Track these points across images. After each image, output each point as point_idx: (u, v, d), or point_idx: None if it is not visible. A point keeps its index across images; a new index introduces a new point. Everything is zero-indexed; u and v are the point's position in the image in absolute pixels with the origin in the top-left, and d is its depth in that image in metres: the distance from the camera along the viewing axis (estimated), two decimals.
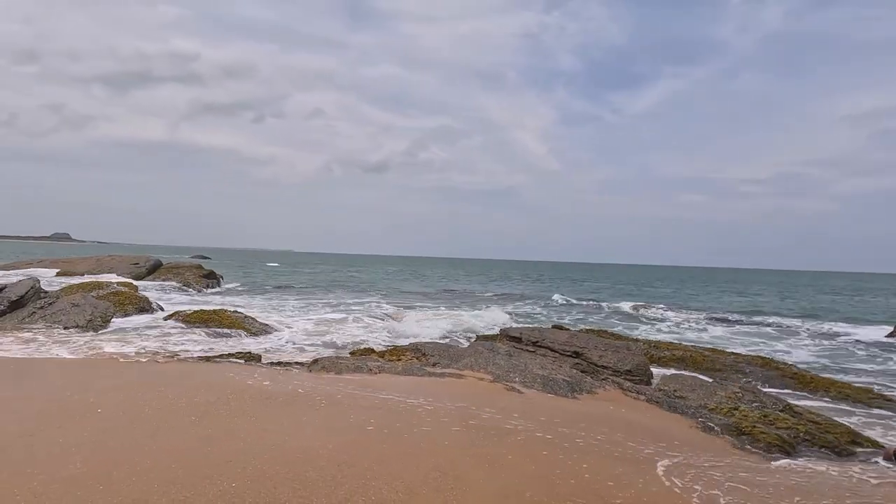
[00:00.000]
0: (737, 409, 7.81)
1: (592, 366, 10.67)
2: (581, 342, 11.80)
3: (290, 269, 72.80)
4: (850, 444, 7.12)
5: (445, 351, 10.48)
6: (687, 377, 9.56)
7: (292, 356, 11.79)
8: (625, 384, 9.14)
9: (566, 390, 8.34)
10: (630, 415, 7.25)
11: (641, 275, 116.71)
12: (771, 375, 11.14)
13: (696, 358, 12.51)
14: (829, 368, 14.70)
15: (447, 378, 8.62)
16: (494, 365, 9.33)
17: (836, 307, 40.05)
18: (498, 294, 42.40)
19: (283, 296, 31.56)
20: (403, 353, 10.59)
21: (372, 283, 50.76)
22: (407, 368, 9.25)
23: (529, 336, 12.23)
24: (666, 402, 8.12)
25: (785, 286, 75.64)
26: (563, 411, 7.06)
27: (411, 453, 5.13)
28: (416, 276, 67.99)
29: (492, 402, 7.23)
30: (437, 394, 7.58)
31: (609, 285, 64.35)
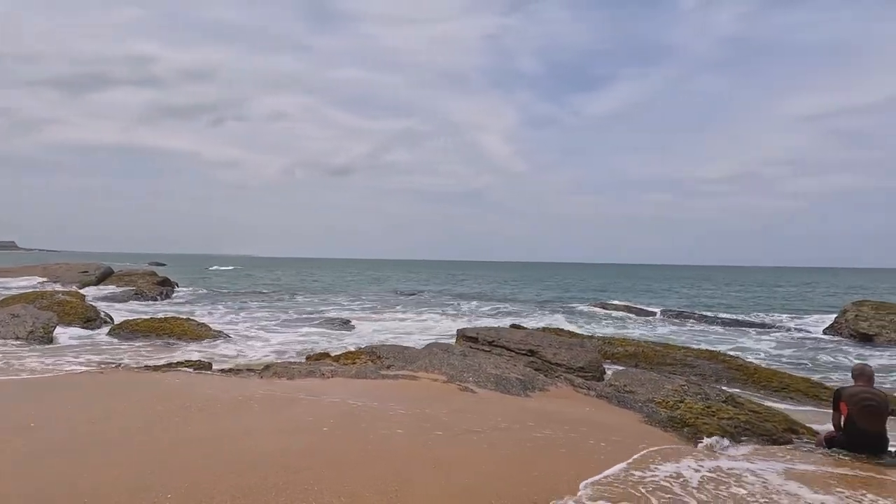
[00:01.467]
0: (682, 401, 8.04)
1: (547, 364, 10.82)
2: (536, 341, 11.96)
3: (249, 275, 71.40)
4: (787, 431, 7.42)
5: (401, 353, 10.46)
6: (636, 372, 9.78)
7: (245, 362, 11.56)
8: (576, 381, 9.31)
9: (519, 389, 8.44)
10: (579, 411, 7.38)
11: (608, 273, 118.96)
12: (717, 368, 11.52)
13: (648, 353, 12.83)
14: (774, 360, 15.30)
15: (401, 380, 8.61)
16: (449, 365, 9.36)
17: (786, 301, 41.72)
18: (461, 295, 42.56)
19: (240, 302, 30.92)
20: (358, 356, 10.52)
21: (333, 286, 50.25)
22: (361, 371, 9.19)
23: (486, 336, 12.33)
24: (615, 397, 8.31)
25: (741, 281, 78.32)
26: (515, 410, 7.14)
27: (361, 457, 5.10)
28: (379, 280, 67.61)
29: (444, 403, 7.26)
30: (390, 396, 7.56)
31: (574, 284, 65.39)
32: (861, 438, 6.22)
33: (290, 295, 37.86)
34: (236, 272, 78.68)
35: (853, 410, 6.25)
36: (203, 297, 33.59)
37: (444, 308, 31.07)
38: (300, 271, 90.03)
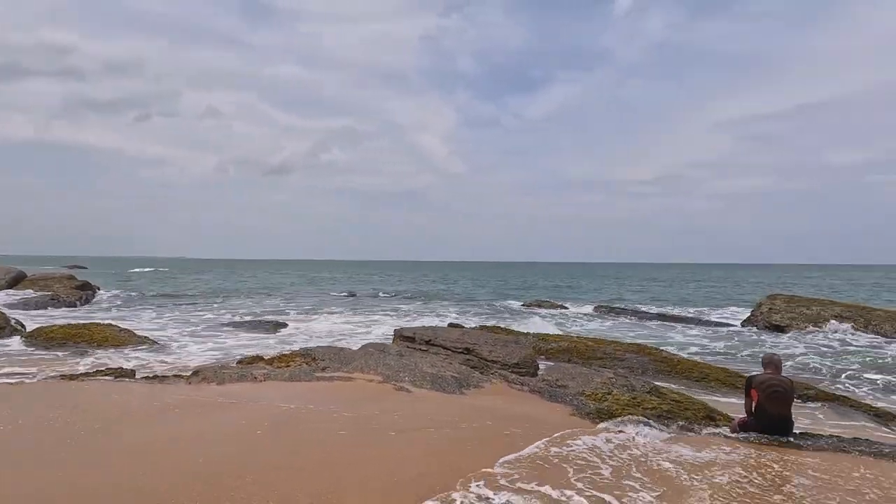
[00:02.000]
0: (610, 393, 8.38)
1: (483, 361, 10.98)
2: (472, 339, 12.11)
3: (178, 277, 68.35)
4: (705, 418, 7.86)
5: (336, 354, 10.33)
6: (568, 367, 10.11)
7: (171, 369, 11.08)
8: (510, 377, 9.50)
9: (454, 387, 8.52)
10: (512, 406, 7.54)
11: (545, 271, 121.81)
12: (644, 361, 12.05)
13: (580, 348, 13.26)
14: (697, 352, 16.17)
15: (336, 381, 8.51)
16: (385, 366, 9.33)
17: (708, 296, 44.09)
18: (401, 295, 42.46)
19: (167, 305, 29.58)
20: (293, 358, 10.31)
21: (268, 288, 48.92)
22: (295, 374, 9.02)
23: (422, 335, 12.37)
24: (547, 392, 8.54)
25: (669, 278, 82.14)
26: (449, 407, 7.21)
27: (294, 460, 5.02)
28: (315, 281, 66.41)
29: (379, 403, 7.24)
30: (324, 398, 7.46)
31: (512, 283, 66.56)
32: (769, 422, 6.69)
33: (222, 297, 36.58)
34: (164, 274, 75.17)
35: (762, 396, 6.71)
36: (128, 301, 31.91)
37: (382, 308, 30.92)
38: (234, 273, 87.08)
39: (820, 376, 12.69)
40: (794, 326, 20.42)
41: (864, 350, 16.50)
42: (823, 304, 21.95)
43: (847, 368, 13.51)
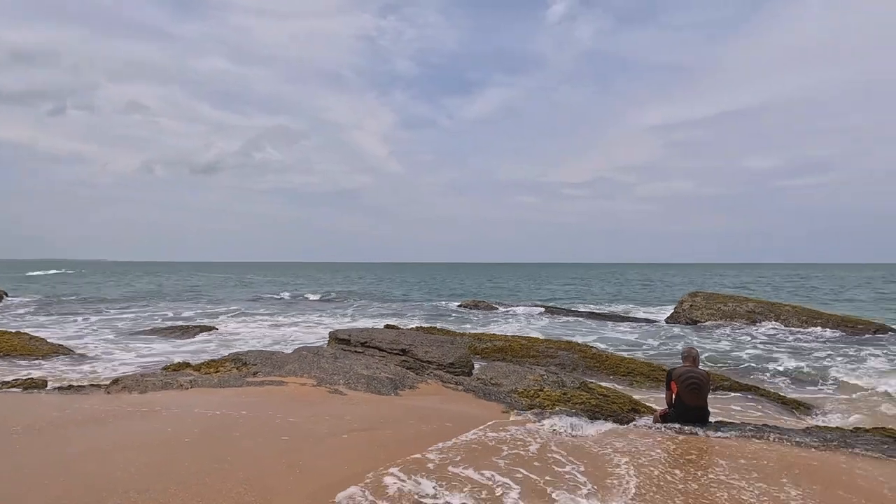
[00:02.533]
0: (542, 390, 8.61)
1: (418, 362, 11.01)
2: (408, 340, 12.12)
3: (99, 281, 64.41)
4: (630, 411, 8.23)
5: (268, 358, 10.07)
6: (502, 366, 10.30)
7: (88, 378, 10.45)
8: (445, 377, 9.58)
9: (389, 388, 8.50)
10: (445, 405, 7.61)
11: (481, 272, 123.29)
12: (575, 358, 12.45)
13: (515, 347, 13.53)
14: (624, 348, 16.86)
15: (267, 386, 8.29)
16: (319, 369, 9.19)
17: (636, 294, 46.03)
18: (336, 297, 41.84)
19: (85, 311, 27.82)
20: (222, 364, 9.96)
21: (196, 291, 46.97)
22: (224, 380, 8.72)
23: (358, 337, 12.26)
24: (481, 390, 8.67)
25: (599, 277, 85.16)
26: (383, 409, 7.19)
27: (221, 468, 4.85)
28: (247, 283, 64.35)
29: (312, 407, 7.12)
30: (255, 404, 7.26)
31: (449, 283, 66.94)
32: (687, 413, 7.08)
33: (146, 302, 34.82)
34: (86, 278, 70.64)
35: (681, 389, 7.09)
36: (40, 307, 29.79)
37: (317, 310, 30.38)
38: (159, 276, 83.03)
39: (734, 368, 13.53)
40: (712, 321, 21.68)
41: (773, 342, 17.73)
42: (738, 300, 23.42)
43: (759, 360, 14.47)
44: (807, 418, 9.15)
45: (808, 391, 11.14)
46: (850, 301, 36.99)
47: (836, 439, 6.58)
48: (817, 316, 21.06)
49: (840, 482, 5.06)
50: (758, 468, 5.39)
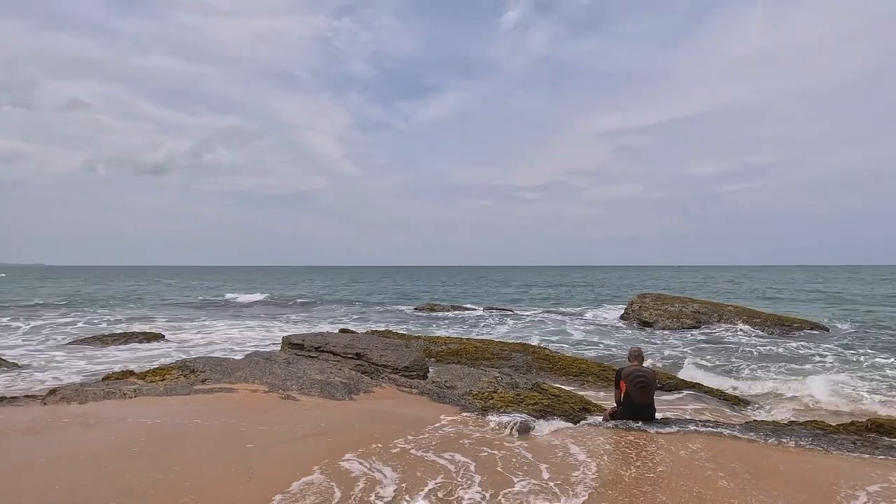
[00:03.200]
0: (496, 392, 8.71)
1: (373, 366, 10.95)
2: (363, 344, 12.04)
3: (35, 286, 61.12)
4: (581, 410, 8.42)
5: (218, 365, 9.80)
6: (456, 368, 10.36)
7: (23, 388, 9.91)
8: (400, 380, 9.56)
9: (343, 393, 8.42)
10: (399, 408, 7.60)
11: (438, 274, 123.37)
12: (528, 359, 12.63)
13: (469, 349, 13.62)
14: (576, 348, 17.23)
15: (216, 393, 8.08)
16: (271, 374, 9.01)
17: (588, 296, 47.03)
18: (290, 301, 41.07)
19: (18, 318, 26.36)
20: (168, 371, 9.63)
21: (142, 297, 45.23)
22: (171, 388, 8.44)
23: (312, 342, 12.09)
24: (436, 393, 8.70)
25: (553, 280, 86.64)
26: (336, 413, 7.12)
27: (164, 479, 4.70)
28: (196, 288, 62.40)
29: (263, 414, 6.98)
30: (203, 412, 7.06)
31: (406, 286, 66.71)
32: (635, 410, 7.31)
33: (87, 308, 33.30)
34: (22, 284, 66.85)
35: (630, 387, 7.31)
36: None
37: (270, 315, 29.77)
38: (102, 281, 79.48)
39: (680, 366, 14.01)
40: (660, 323, 22.40)
41: (716, 341, 18.48)
42: (684, 301, 24.28)
43: (702, 358, 15.05)
44: (746, 413, 9.57)
45: (747, 387, 11.65)
46: (786, 300, 38.91)
47: (771, 432, 6.92)
48: (756, 315, 22.07)
49: (773, 471, 5.35)
50: (699, 460, 5.62)
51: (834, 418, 8.56)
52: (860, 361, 14.58)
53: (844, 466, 5.70)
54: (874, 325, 23.14)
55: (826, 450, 6.31)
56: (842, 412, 9.53)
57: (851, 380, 12.11)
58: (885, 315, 27.64)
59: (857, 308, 31.77)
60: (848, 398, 10.59)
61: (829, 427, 7.26)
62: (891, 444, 6.57)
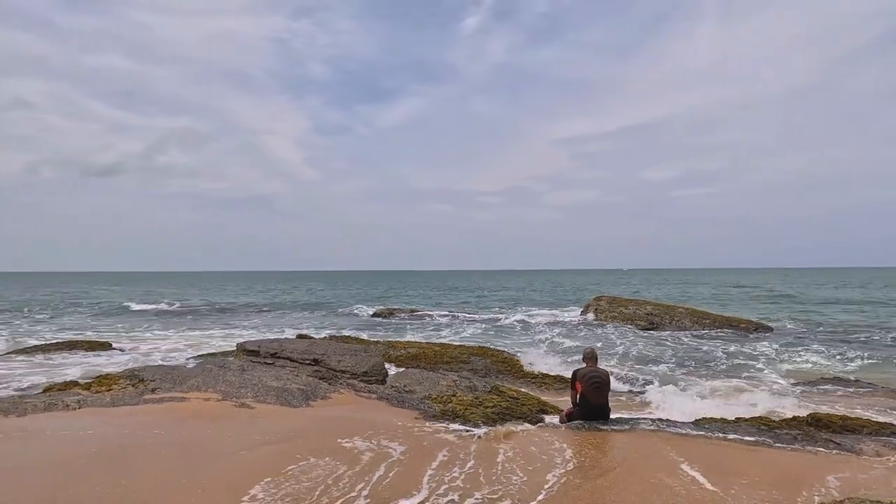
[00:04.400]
0: (454, 395, 8.74)
1: (331, 371, 10.82)
2: (321, 349, 11.88)
3: None
4: (539, 412, 8.52)
5: (168, 374, 9.49)
6: (415, 372, 10.34)
7: None
8: (359, 385, 9.48)
9: (301, 399, 8.29)
10: (357, 414, 7.54)
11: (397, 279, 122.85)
12: (487, 363, 12.74)
13: (429, 353, 13.63)
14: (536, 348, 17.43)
15: (167, 403, 7.82)
16: (225, 382, 8.78)
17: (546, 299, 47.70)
18: (246, 307, 40.14)
19: None
20: (116, 381, 9.27)
21: (91, 303, 43.39)
22: (119, 398, 8.12)
23: (268, 348, 11.86)
24: (395, 398, 8.66)
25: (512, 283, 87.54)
26: (292, 421, 7.01)
27: (112, 493, 4.52)
28: (149, 294, 60.29)
29: (216, 423, 6.80)
30: (153, 422, 6.82)
31: (364, 291, 66.12)
32: (590, 411, 7.48)
33: (31, 316, 31.71)
34: None
35: (585, 388, 7.47)
36: None
37: (225, 321, 29.04)
38: (46, 287, 75.83)
39: (634, 366, 14.38)
40: (615, 323, 22.93)
41: (668, 342, 19.04)
42: (638, 303, 24.95)
43: (655, 358, 15.49)
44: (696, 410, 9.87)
45: (698, 385, 12.04)
46: (735, 302, 40.44)
47: (719, 428, 7.20)
48: (706, 317, 22.87)
49: (718, 466, 5.55)
50: (651, 457, 5.79)
51: (776, 414, 8.94)
52: (799, 359, 15.29)
53: (787, 460, 5.98)
54: (812, 325, 24.31)
55: (770, 444, 6.59)
56: (784, 408, 9.96)
57: (791, 376, 12.69)
58: (821, 315, 29.09)
59: (798, 309, 33.32)
60: (789, 394, 11.09)
61: (773, 423, 7.59)
62: (828, 437, 6.92)
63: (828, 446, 6.58)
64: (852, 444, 6.66)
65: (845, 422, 7.53)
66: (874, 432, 7.14)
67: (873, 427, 7.29)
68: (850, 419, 7.68)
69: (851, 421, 7.56)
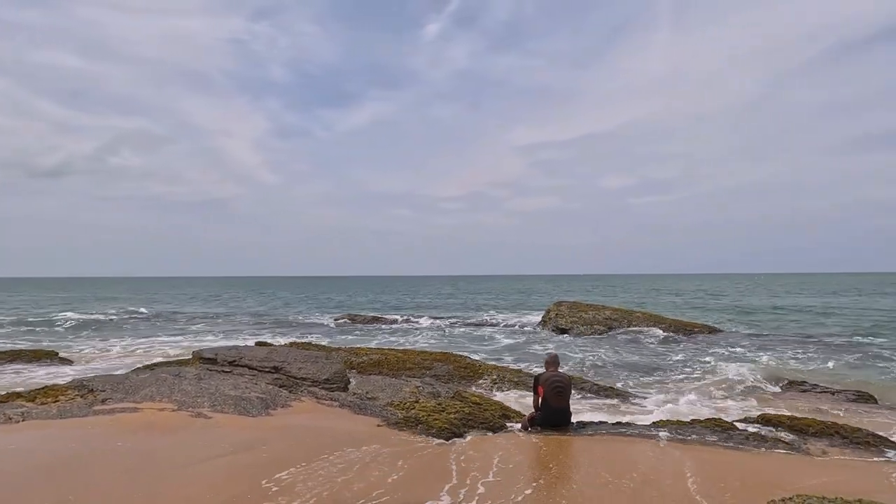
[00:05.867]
0: (417, 402, 8.71)
1: (292, 379, 10.62)
2: (281, 357, 11.66)
3: None
4: (501, 418, 8.57)
5: (120, 383, 9.14)
6: (378, 379, 10.27)
7: None
8: (321, 393, 9.34)
9: (260, 408, 8.11)
10: (318, 422, 7.43)
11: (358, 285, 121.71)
12: (450, 369, 12.73)
13: (391, 360, 13.53)
14: (497, 354, 17.57)
15: (119, 414, 7.53)
16: (180, 392, 8.52)
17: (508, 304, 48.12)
18: (203, 314, 39.06)
19: None
20: (63, 391, 8.86)
21: (35, 310, 41.42)
22: (66, 410, 7.77)
23: (225, 356, 11.57)
24: (357, 405, 8.57)
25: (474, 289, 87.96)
26: (252, 430, 6.85)
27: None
28: (100, 300, 58.03)
29: (171, 434, 6.59)
30: (104, 434, 6.56)
31: (324, 297, 65.27)
32: (553, 414, 7.57)
33: None
34: None
35: (547, 392, 7.56)
36: None
37: (180, 329, 28.19)
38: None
39: (594, 370, 14.64)
40: (575, 329, 23.31)
41: (627, 345, 19.47)
42: (597, 308, 25.43)
43: (615, 362, 15.81)
44: (654, 412, 10.13)
45: (655, 388, 12.35)
46: (688, 307, 41.68)
47: (675, 430, 7.39)
48: (661, 321, 23.49)
49: (673, 467, 5.70)
50: (608, 461, 5.90)
51: (728, 414, 9.24)
52: (750, 361, 15.86)
53: (739, 459, 6.18)
54: (762, 328, 25.27)
55: (724, 445, 6.81)
56: (737, 409, 10.31)
57: (742, 378, 13.16)
58: (771, 319, 30.28)
59: (748, 312, 34.58)
60: (741, 395, 11.50)
61: (726, 424, 7.84)
62: (777, 437, 7.20)
63: (777, 446, 6.84)
64: (800, 444, 6.96)
65: (793, 422, 7.84)
66: (819, 432, 7.46)
67: (818, 427, 7.62)
68: (798, 419, 8.01)
69: (798, 421, 7.89)
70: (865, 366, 15.59)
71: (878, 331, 23.70)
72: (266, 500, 4.60)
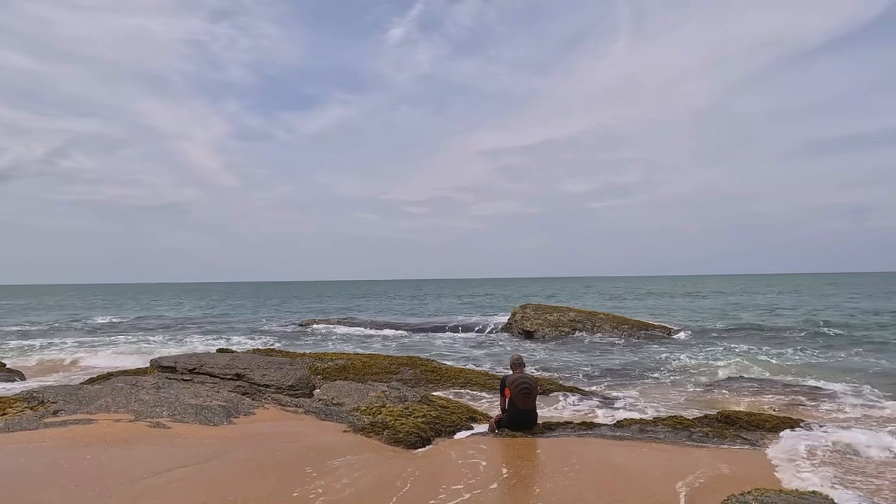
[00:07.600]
0: (384, 406, 8.63)
1: (255, 386, 10.41)
2: (244, 363, 11.42)
3: None
4: (468, 420, 8.58)
5: (73, 394, 8.77)
6: (343, 384, 10.15)
7: None
8: (285, 400, 9.17)
9: (222, 416, 7.90)
10: (282, 429, 7.28)
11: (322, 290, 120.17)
12: (416, 373, 12.68)
13: (357, 365, 13.39)
14: (463, 357, 17.59)
15: (72, 426, 7.22)
16: (138, 401, 8.24)
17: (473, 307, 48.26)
18: (160, 320, 37.92)
19: None
20: (11, 404, 8.44)
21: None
22: (14, 423, 7.41)
23: (185, 363, 11.26)
24: (322, 411, 8.45)
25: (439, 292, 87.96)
26: (214, 440, 6.67)
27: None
28: (47, 307, 55.70)
29: (128, 446, 6.35)
30: (56, 448, 6.27)
31: (288, 302, 64.21)
32: (520, 416, 7.61)
33: None
34: None
35: (514, 394, 7.60)
36: None
37: (138, 337, 27.29)
38: None
39: (559, 371, 14.81)
40: (540, 332, 23.55)
41: (591, 346, 19.78)
42: (562, 310, 25.76)
43: (578, 363, 16.03)
44: (619, 412, 10.30)
45: (620, 388, 12.57)
46: (651, 308, 42.65)
47: (638, 430, 7.53)
48: (624, 322, 23.96)
49: (634, 464, 5.81)
50: (573, 462, 5.96)
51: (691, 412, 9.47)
52: (710, 359, 16.32)
53: (699, 456, 6.34)
54: (721, 327, 26.05)
55: (683, 442, 6.98)
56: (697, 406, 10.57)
57: (703, 375, 13.52)
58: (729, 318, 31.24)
59: (709, 312, 35.60)
60: (702, 393, 11.80)
61: (687, 421, 8.03)
62: (736, 433, 7.41)
63: (735, 442, 7.04)
64: (758, 439, 7.17)
65: (751, 418, 8.09)
66: (775, 427, 7.72)
67: (775, 422, 7.88)
68: (755, 415, 8.26)
69: (756, 416, 8.14)
70: (819, 357, 16.23)
71: (830, 326, 24.71)
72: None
